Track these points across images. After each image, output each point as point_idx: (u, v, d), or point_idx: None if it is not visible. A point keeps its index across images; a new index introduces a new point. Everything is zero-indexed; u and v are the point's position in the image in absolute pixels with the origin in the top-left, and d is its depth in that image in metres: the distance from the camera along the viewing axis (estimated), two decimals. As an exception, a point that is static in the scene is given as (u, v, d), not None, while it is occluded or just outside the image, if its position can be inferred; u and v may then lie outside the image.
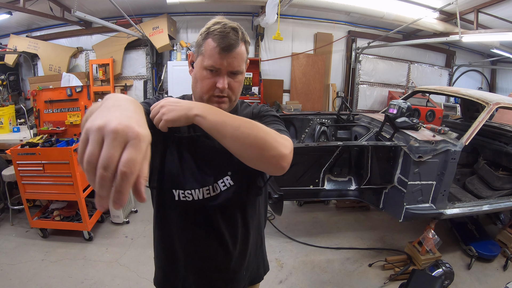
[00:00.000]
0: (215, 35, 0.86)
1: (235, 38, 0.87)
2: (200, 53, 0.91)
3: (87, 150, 0.43)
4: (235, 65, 0.89)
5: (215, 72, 0.89)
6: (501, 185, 3.18)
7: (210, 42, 0.87)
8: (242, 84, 0.97)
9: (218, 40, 0.86)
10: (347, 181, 2.83)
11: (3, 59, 5.02)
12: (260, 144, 0.79)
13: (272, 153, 0.80)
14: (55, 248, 2.93)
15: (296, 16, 5.40)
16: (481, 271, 2.83)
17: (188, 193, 0.96)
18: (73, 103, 3.19)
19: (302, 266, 2.84)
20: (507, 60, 6.19)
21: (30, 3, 4.08)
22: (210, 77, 0.90)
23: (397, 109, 2.90)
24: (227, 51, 0.86)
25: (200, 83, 0.92)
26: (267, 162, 0.81)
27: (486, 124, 3.38)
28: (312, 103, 5.80)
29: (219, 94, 0.91)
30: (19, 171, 2.84)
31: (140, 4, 4.75)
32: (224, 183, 0.98)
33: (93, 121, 0.45)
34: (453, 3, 3.74)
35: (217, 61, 0.87)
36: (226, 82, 0.89)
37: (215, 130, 0.79)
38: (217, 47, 0.86)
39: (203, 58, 0.89)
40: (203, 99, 0.93)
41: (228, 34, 0.86)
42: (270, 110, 1.09)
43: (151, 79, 5.32)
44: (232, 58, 0.88)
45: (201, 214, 0.99)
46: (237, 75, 0.92)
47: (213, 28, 0.87)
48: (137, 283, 2.53)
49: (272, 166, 0.82)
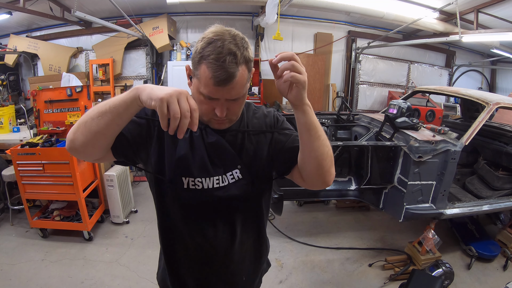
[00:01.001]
0: (209, 61, 0.76)
1: (233, 65, 0.76)
2: (195, 75, 0.83)
3: (171, 109, 0.68)
4: (233, 94, 0.82)
5: (212, 100, 0.84)
6: (501, 185, 3.18)
7: (205, 70, 0.78)
8: (243, 103, 0.93)
9: (214, 71, 0.76)
10: (347, 181, 2.83)
11: (3, 59, 5.02)
12: (331, 161, 0.89)
13: (333, 171, 0.91)
14: (55, 248, 2.93)
15: (296, 16, 5.40)
16: (481, 271, 2.83)
17: (198, 180, 0.95)
18: (73, 103, 3.19)
19: (302, 266, 2.83)
20: (507, 60, 6.19)
21: (30, 3, 4.08)
22: (208, 103, 0.84)
23: (397, 109, 2.90)
24: (223, 85, 0.78)
25: (198, 105, 0.85)
26: (327, 175, 0.90)
27: (486, 124, 3.38)
28: (312, 103, 5.57)
29: (219, 119, 0.88)
30: (19, 171, 2.84)
31: (140, 4, 4.75)
32: (233, 176, 0.98)
33: (156, 95, 0.69)
34: (453, 3, 3.75)
35: (213, 92, 0.81)
36: (224, 110, 0.85)
37: (314, 127, 0.84)
38: (212, 79, 0.77)
39: (199, 84, 0.82)
40: (203, 120, 0.92)
41: (224, 63, 0.75)
42: (288, 124, 1.08)
43: (151, 79, 5.32)
44: (230, 89, 0.80)
45: (206, 205, 0.99)
46: (238, 99, 0.86)
47: (208, 52, 0.77)
48: (137, 283, 2.53)
49: (326, 180, 0.92)
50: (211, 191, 0.96)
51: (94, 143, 0.80)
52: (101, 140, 0.80)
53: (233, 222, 1.02)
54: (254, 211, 1.07)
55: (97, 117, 0.76)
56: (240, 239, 1.05)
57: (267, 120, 1.05)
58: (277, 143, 1.01)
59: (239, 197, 0.99)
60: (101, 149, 0.84)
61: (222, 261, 1.06)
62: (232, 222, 1.02)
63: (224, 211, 1.01)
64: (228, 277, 1.10)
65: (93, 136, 0.78)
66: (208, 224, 1.01)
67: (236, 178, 0.98)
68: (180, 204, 0.99)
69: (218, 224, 1.01)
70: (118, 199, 3.23)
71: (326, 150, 0.86)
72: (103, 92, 5.19)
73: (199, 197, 0.96)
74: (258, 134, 1.02)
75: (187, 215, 1.01)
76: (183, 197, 0.97)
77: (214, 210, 1.00)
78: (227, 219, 1.02)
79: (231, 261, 1.07)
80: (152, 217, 3.25)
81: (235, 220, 1.03)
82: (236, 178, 0.98)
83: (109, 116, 0.75)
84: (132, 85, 5.37)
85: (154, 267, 1.22)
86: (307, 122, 0.83)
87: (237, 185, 0.98)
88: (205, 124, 0.94)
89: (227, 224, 1.02)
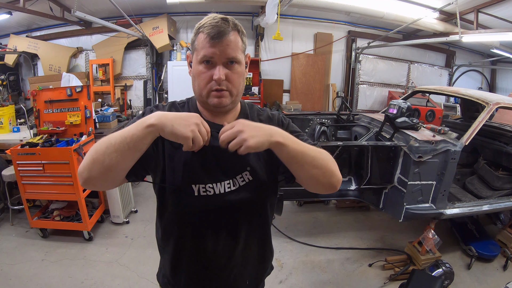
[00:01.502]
0: (205, 27, 0.86)
1: (225, 26, 0.86)
2: (194, 49, 0.91)
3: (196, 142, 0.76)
4: (228, 52, 0.86)
5: (210, 64, 0.87)
6: (501, 185, 3.18)
7: (201, 35, 0.87)
8: (242, 76, 0.93)
9: (208, 30, 0.85)
10: (347, 181, 2.83)
11: (3, 59, 5.03)
12: (329, 173, 0.90)
13: (336, 179, 0.92)
14: (55, 248, 2.93)
15: (296, 16, 5.41)
16: (481, 271, 2.83)
17: (209, 186, 0.94)
18: (73, 103, 3.19)
19: (302, 266, 2.83)
20: (507, 60, 6.19)
21: (30, 3, 4.08)
22: (206, 70, 0.88)
23: (397, 109, 2.90)
24: (217, 39, 0.85)
25: (197, 80, 0.90)
26: (329, 186, 0.92)
27: (486, 124, 3.38)
28: (312, 103, 5.81)
29: (217, 88, 0.88)
30: (19, 171, 2.84)
31: (140, 4, 4.75)
32: (243, 178, 0.97)
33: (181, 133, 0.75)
34: (453, 3, 3.75)
35: (208, 50, 0.86)
36: (222, 73, 0.86)
37: (295, 159, 0.84)
38: (207, 37, 0.85)
39: (197, 53, 0.89)
40: (202, 96, 0.91)
41: (217, 23, 0.86)
42: (294, 125, 1.08)
43: (151, 79, 5.33)
44: (224, 46, 0.85)
45: (215, 210, 0.97)
46: (234, 65, 0.89)
47: (203, 23, 0.88)
48: (137, 283, 2.53)
49: (331, 189, 0.93)
50: (223, 196, 0.95)
51: (114, 178, 0.83)
52: (121, 173, 0.83)
53: (238, 226, 1.01)
54: (260, 214, 1.05)
55: (115, 155, 0.77)
56: (245, 242, 1.04)
57: (272, 123, 1.02)
58: None
59: (250, 199, 0.98)
60: (120, 180, 0.87)
61: (225, 264, 1.04)
62: (237, 226, 1.01)
63: (231, 215, 0.99)
64: (231, 281, 1.08)
65: (112, 173, 0.81)
66: (212, 228, 0.99)
67: (247, 180, 0.97)
68: (187, 211, 0.97)
69: (223, 228, 1.00)
70: (118, 199, 3.23)
71: (314, 172, 0.87)
72: (103, 92, 5.19)
73: (211, 203, 0.95)
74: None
75: (193, 220, 0.99)
76: (195, 205, 0.95)
77: (221, 214, 0.98)
78: (232, 223, 1.00)
79: (235, 264, 1.05)
80: (152, 217, 3.25)
81: (241, 224, 1.01)
82: (246, 180, 0.97)
83: (127, 153, 0.78)
84: (132, 85, 5.38)
85: (154, 267, 1.22)
86: (285, 156, 0.84)
87: (248, 187, 0.97)
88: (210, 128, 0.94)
89: (232, 228, 1.01)
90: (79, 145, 2.85)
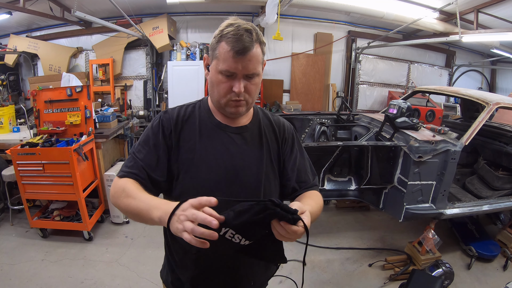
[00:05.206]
0: (228, 38, 0.85)
1: (249, 40, 0.85)
2: (214, 56, 0.90)
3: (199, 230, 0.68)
4: (250, 68, 0.88)
5: (230, 76, 0.89)
6: (501, 185, 3.18)
7: (224, 46, 0.86)
8: (259, 86, 0.96)
9: (232, 44, 0.84)
10: (347, 181, 2.83)
11: (3, 59, 5.02)
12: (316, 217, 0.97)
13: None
14: (55, 248, 2.93)
15: (296, 16, 5.40)
16: (481, 271, 2.83)
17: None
18: (73, 103, 3.18)
19: (302, 266, 2.83)
20: (507, 60, 6.19)
21: (30, 3, 4.08)
22: (226, 81, 0.89)
23: (397, 109, 2.90)
24: (241, 55, 0.85)
25: (216, 88, 0.92)
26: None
27: (486, 124, 3.38)
28: (312, 103, 5.80)
29: (236, 98, 0.91)
30: (19, 171, 2.84)
31: (140, 4, 4.75)
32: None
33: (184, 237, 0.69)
34: (453, 3, 3.74)
35: (231, 65, 0.86)
36: (242, 86, 0.89)
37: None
38: (231, 50, 0.84)
39: (218, 62, 0.88)
40: (221, 103, 0.94)
41: (241, 36, 0.84)
42: (298, 138, 1.13)
43: (151, 79, 5.32)
44: (247, 62, 0.86)
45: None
46: (254, 78, 0.91)
47: (227, 31, 0.86)
48: (137, 283, 2.53)
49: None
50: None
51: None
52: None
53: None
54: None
55: (131, 216, 0.89)
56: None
57: (280, 131, 1.10)
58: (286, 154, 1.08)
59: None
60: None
61: (231, 264, 1.04)
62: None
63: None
64: (237, 282, 1.07)
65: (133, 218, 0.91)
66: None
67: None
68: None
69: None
70: (118, 199, 3.22)
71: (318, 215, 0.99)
72: (103, 92, 5.19)
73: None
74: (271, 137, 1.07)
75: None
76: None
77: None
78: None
79: (241, 264, 1.05)
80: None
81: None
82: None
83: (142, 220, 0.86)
84: (132, 85, 5.38)
85: (154, 267, 1.22)
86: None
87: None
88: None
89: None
90: (79, 145, 2.85)
